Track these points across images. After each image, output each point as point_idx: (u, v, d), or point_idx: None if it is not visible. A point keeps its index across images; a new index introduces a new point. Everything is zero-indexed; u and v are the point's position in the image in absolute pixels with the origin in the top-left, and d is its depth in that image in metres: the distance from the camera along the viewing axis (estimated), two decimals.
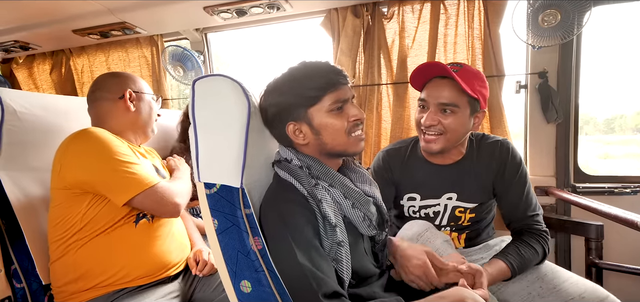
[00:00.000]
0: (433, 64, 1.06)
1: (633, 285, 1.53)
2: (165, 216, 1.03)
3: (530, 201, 1.10)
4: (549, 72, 1.59)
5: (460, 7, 1.65)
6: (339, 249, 0.75)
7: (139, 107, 1.14)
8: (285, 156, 0.84)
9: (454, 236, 1.19)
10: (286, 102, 0.81)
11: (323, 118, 0.80)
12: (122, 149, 0.99)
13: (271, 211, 0.78)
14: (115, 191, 0.94)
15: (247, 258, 0.77)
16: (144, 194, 0.96)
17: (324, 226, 0.76)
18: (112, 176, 0.94)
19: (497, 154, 1.12)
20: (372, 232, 0.84)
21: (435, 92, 1.05)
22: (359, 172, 0.91)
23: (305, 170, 0.81)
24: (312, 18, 1.86)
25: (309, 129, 0.81)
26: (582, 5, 1.34)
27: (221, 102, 0.78)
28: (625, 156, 3.09)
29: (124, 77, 1.15)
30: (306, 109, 0.80)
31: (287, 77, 0.82)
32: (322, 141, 0.82)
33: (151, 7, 1.69)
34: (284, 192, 0.79)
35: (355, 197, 0.81)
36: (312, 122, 0.80)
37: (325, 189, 0.79)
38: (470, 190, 1.14)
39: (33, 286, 1.09)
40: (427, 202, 1.18)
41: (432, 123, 1.05)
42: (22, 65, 2.41)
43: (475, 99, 1.03)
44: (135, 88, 1.15)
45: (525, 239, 1.05)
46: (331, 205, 0.78)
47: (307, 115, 0.80)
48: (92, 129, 0.99)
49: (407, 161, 1.20)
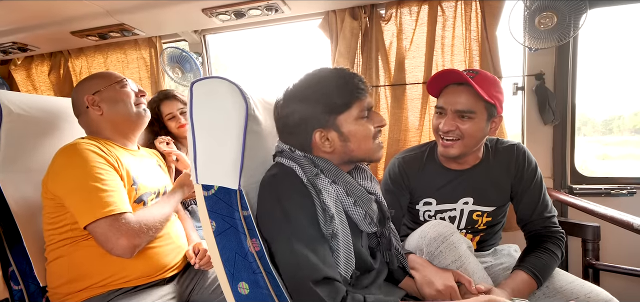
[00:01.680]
0: (450, 71, 1.07)
1: (630, 286, 1.54)
2: (112, 253, 0.92)
3: (547, 202, 1.12)
4: (546, 74, 1.60)
5: (457, 9, 1.65)
6: (334, 240, 0.75)
7: (107, 104, 1.08)
8: (286, 147, 0.84)
9: (469, 238, 1.20)
10: (312, 109, 0.79)
11: (352, 125, 0.80)
12: (99, 169, 0.94)
13: (269, 193, 0.78)
14: (79, 212, 0.92)
15: (244, 260, 0.77)
16: (105, 222, 0.91)
17: (323, 214, 0.76)
18: (79, 195, 0.91)
19: (513, 158, 1.14)
20: (373, 229, 0.85)
21: (452, 99, 1.06)
22: (362, 169, 0.91)
23: (309, 160, 0.80)
24: (310, 20, 1.87)
25: (337, 136, 0.81)
26: (578, 7, 1.35)
27: (219, 104, 0.78)
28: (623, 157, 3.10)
29: (81, 86, 1.10)
30: (336, 116, 0.79)
31: (311, 84, 0.81)
32: (349, 148, 0.81)
33: (150, 9, 1.69)
34: (285, 176, 0.78)
35: (357, 194, 0.82)
36: (340, 129, 0.80)
37: (328, 183, 0.79)
38: (487, 194, 1.15)
39: (31, 288, 1.09)
40: (443, 206, 1.18)
41: (450, 128, 1.06)
42: (21, 66, 2.40)
43: (492, 105, 1.04)
44: (93, 89, 1.09)
45: (545, 245, 1.05)
46: (332, 196, 0.78)
47: (335, 123, 0.80)
48: (77, 144, 0.97)
49: (424, 166, 1.21)
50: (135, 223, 0.94)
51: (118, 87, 1.11)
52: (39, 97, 1.18)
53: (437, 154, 1.20)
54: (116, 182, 0.97)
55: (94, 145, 0.98)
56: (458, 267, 0.93)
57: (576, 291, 0.96)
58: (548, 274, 1.01)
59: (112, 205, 0.92)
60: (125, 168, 1.03)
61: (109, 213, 0.90)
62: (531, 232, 1.13)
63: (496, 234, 1.24)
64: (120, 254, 0.92)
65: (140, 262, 1.00)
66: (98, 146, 0.99)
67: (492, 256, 1.22)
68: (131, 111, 1.12)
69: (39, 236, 1.04)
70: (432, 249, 0.96)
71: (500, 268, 1.18)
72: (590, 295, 0.94)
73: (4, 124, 1.01)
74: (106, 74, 1.13)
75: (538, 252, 1.04)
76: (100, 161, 0.96)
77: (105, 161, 0.97)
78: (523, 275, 0.98)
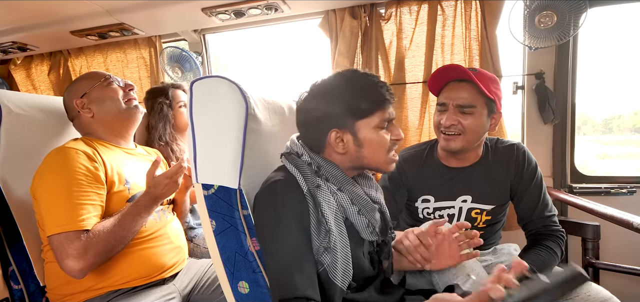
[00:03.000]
0: (452, 66, 1.11)
1: (629, 285, 1.54)
2: (64, 270, 0.88)
3: (547, 202, 1.14)
4: (546, 73, 1.60)
5: (457, 8, 1.65)
6: (331, 253, 0.74)
7: (96, 105, 1.08)
8: (296, 150, 0.83)
9: None
10: (335, 109, 0.79)
11: (369, 133, 0.79)
12: (75, 179, 0.91)
13: (266, 198, 0.77)
14: (43, 222, 0.91)
15: (244, 259, 0.78)
16: (58, 238, 0.87)
17: (318, 227, 0.75)
18: (46, 205, 0.90)
19: (513, 157, 1.15)
20: (374, 238, 0.84)
21: (453, 94, 1.09)
22: (368, 177, 0.91)
23: (313, 167, 0.79)
24: (310, 19, 1.86)
25: (352, 140, 0.80)
26: (578, 7, 1.35)
27: (219, 103, 0.78)
28: (622, 156, 3.10)
29: (69, 90, 1.10)
30: (355, 120, 0.79)
31: (338, 84, 0.80)
32: (361, 155, 0.81)
33: (149, 9, 1.69)
34: (285, 185, 0.77)
35: (362, 203, 0.81)
36: (357, 134, 0.79)
37: (332, 192, 0.78)
38: (486, 192, 1.16)
39: (31, 288, 1.09)
40: (441, 203, 1.19)
41: (452, 123, 1.08)
42: (20, 66, 2.40)
43: (491, 101, 1.07)
44: (80, 92, 1.08)
45: (545, 243, 1.07)
46: (333, 208, 0.77)
47: (354, 127, 0.79)
48: (64, 150, 0.95)
49: (423, 164, 1.23)
50: (90, 244, 0.88)
51: (104, 86, 1.10)
52: (39, 96, 1.18)
53: (437, 152, 1.22)
54: (89, 196, 0.92)
55: (82, 151, 0.96)
56: (457, 266, 0.93)
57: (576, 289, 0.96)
58: (548, 271, 1.01)
59: (70, 223, 0.87)
60: (117, 170, 1.02)
61: (63, 229, 0.87)
62: (532, 231, 1.14)
63: (496, 233, 1.25)
64: (69, 274, 0.88)
65: (138, 263, 1.00)
66: (86, 152, 0.96)
67: (492, 255, 1.23)
68: (121, 108, 1.10)
69: (38, 236, 1.03)
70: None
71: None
72: (589, 293, 0.95)
73: (4, 123, 1.01)
74: (91, 75, 1.12)
75: (538, 249, 1.05)
76: (80, 170, 0.92)
77: (87, 170, 0.93)
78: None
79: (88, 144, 1.01)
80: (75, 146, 0.97)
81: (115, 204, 0.99)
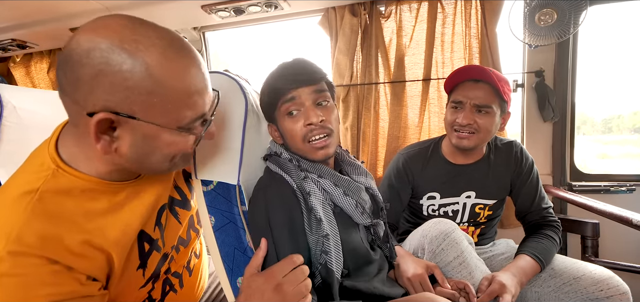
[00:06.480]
0: (472, 66, 1.17)
1: (629, 283, 1.53)
2: None
3: (543, 195, 1.20)
4: (546, 71, 1.60)
5: (457, 6, 1.65)
6: (326, 242, 0.75)
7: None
8: (275, 149, 0.85)
9: (471, 230, 1.25)
10: (263, 103, 0.84)
11: (283, 122, 0.81)
12: None
13: (258, 203, 0.78)
14: None
15: (243, 255, 0.78)
16: None
17: (309, 219, 0.76)
18: None
19: (513, 154, 1.21)
20: (367, 220, 0.84)
21: (471, 93, 1.11)
22: (354, 165, 0.92)
23: (294, 162, 0.81)
24: (310, 17, 1.86)
25: (278, 132, 0.84)
26: (578, 5, 1.35)
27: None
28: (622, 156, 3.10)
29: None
30: (273, 112, 0.82)
31: (265, 79, 0.84)
32: (290, 145, 0.83)
33: (149, 6, 1.69)
34: (273, 184, 0.79)
35: (345, 185, 0.82)
36: (278, 125, 0.83)
37: (315, 181, 0.80)
38: (489, 188, 1.20)
39: None
40: (446, 200, 1.22)
41: (468, 122, 1.10)
42: (20, 64, 2.40)
43: (504, 101, 1.11)
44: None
45: (544, 231, 1.12)
46: (319, 197, 0.78)
47: (276, 118, 0.83)
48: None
49: (428, 162, 1.25)
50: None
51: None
52: (40, 91, 1.17)
53: (441, 149, 1.25)
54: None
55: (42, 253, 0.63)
56: (460, 263, 0.94)
57: (582, 269, 1.00)
58: (550, 257, 1.05)
59: None
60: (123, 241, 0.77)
61: None
62: (530, 223, 1.19)
63: (493, 227, 1.29)
64: None
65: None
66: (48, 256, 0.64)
67: (491, 247, 1.28)
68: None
69: None
70: (434, 246, 0.97)
71: (502, 258, 1.22)
72: (594, 270, 0.98)
73: (4, 118, 1.01)
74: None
75: (538, 238, 1.09)
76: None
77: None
78: (527, 258, 1.02)
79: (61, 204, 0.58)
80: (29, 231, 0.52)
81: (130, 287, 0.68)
